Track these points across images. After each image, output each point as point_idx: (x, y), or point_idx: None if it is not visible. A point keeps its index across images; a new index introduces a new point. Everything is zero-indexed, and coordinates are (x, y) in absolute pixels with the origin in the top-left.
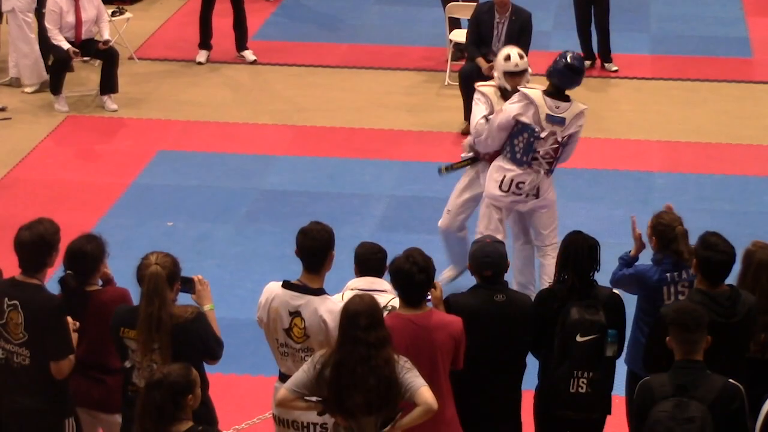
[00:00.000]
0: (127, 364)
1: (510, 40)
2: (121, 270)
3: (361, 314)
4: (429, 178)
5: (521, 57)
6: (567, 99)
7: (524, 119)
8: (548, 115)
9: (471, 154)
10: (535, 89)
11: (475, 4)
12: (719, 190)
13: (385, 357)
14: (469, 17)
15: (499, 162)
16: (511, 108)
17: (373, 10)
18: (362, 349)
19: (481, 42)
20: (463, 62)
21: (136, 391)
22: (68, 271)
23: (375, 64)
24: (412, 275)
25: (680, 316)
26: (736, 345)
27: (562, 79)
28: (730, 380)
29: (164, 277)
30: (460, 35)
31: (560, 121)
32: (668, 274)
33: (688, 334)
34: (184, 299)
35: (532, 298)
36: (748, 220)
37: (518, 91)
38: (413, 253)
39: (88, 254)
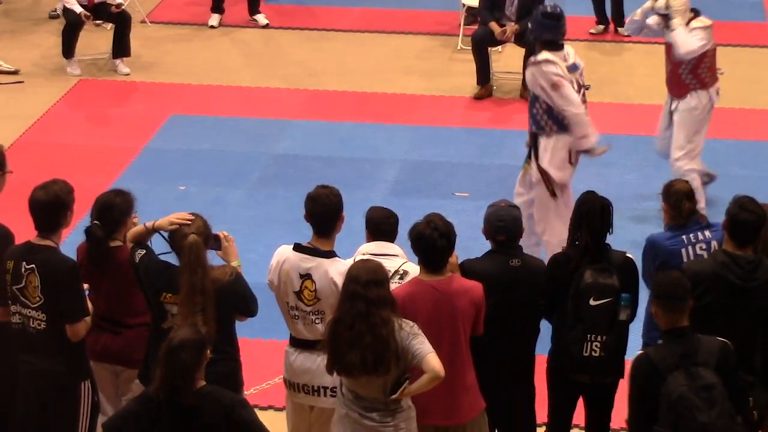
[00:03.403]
0: (165, 326)
1: (523, 5)
2: None
3: (362, 271)
4: (441, 143)
5: (666, 6)
6: (563, 47)
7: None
8: (567, 67)
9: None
10: (542, 53)
11: None
12: (733, 155)
13: (383, 316)
14: None
15: (554, 141)
16: (555, 70)
17: None
18: (360, 304)
19: (494, 6)
20: (475, 27)
21: None
22: (95, 222)
23: (387, 28)
24: (434, 240)
25: (666, 289)
26: (751, 310)
27: (552, 30)
28: (720, 338)
29: (203, 245)
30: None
31: (575, 67)
32: (683, 236)
33: (676, 303)
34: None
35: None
36: (762, 185)
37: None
38: (434, 218)
39: (115, 206)
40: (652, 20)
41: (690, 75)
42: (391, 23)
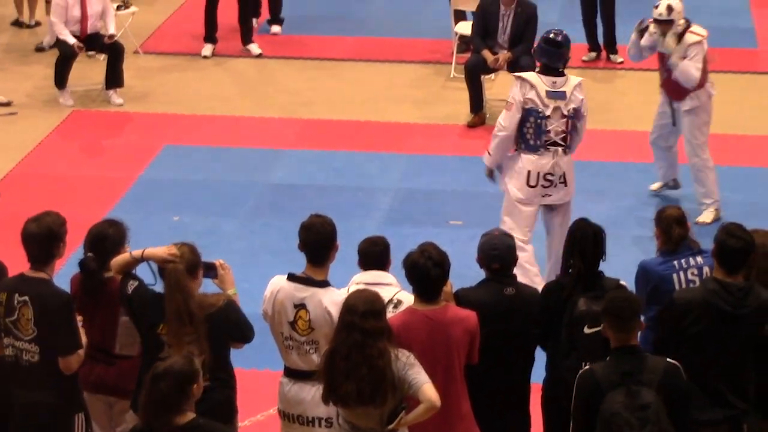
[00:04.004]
0: (162, 356)
1: (516, 32)
2: None
3: (359, 302)
4: (435, 171)
5: (669, 9)
6: (562, 74)
7: (529, 104)
8: (548, 92)
9: None
10: (529, 72)
11: None
12: (726, 181)
13: (380, 348)
14: (474, 9)
15: (516, 159)
16: (515, 93)
17: (378, 2)
18: (357, 335)
19: (486, 34)
20: (468, 55)
21: None
22: (89, 254)
23: (381, 57)
24: (428, 270)
25: (615, 306)
26: (742, 337)
27: (549, 56)
28: (668, 360)
29: (183, 270)
30: (465, 27)
31: (561, 95)
32: (675, 262)
33: (623, 322)
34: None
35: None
36: (755, 211)
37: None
38: (428, 248)
39: (109, 237)
40: (646, 39)
41: None
42: (384, 52)
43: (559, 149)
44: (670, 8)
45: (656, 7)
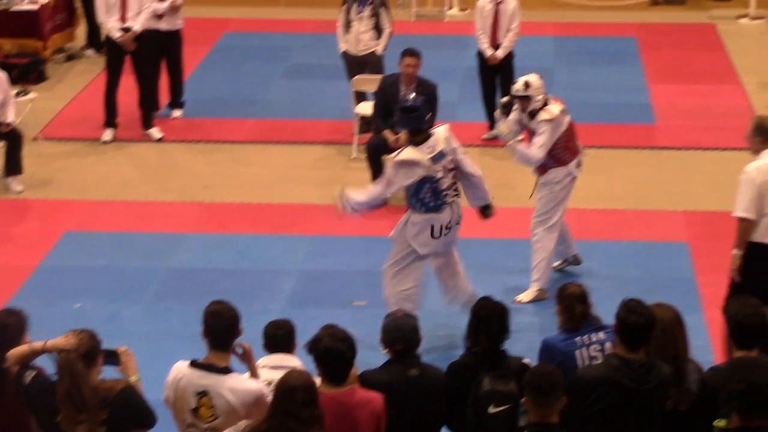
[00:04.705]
0: None
1: None
2: None
3: (298, 389)
4: (338, 252)
5: (526, 85)
6: (429, 135)
7: (423, 174)
8: (430, 159)
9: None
10: (404, 150)
11: (380, 77)
12: (626, 257)
13: None
14: (374, 90)
15: (415, 219)
16: (403, 180)
17: (279, 84)
18: (293, 423)
19: (387, 114)
20: (369, 135)
21: None
22: None
23: (282, 139)
24: (343, 352)
25: (535, 379)
26: (645, 412)
27: (409, 122)
28: None
29: (75, 356)
30: (365, 108)
31: (441, 156)
32: (577, 338)
33: (543, 397)
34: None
35: None
36: (656, 286)
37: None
38: (336, 331)
39: (9, 327)
40: (514, 116)
41: (548, 158)
42: (285, 133)
43: (453, 201)
44: (527, 84)
45: (515, 82)
